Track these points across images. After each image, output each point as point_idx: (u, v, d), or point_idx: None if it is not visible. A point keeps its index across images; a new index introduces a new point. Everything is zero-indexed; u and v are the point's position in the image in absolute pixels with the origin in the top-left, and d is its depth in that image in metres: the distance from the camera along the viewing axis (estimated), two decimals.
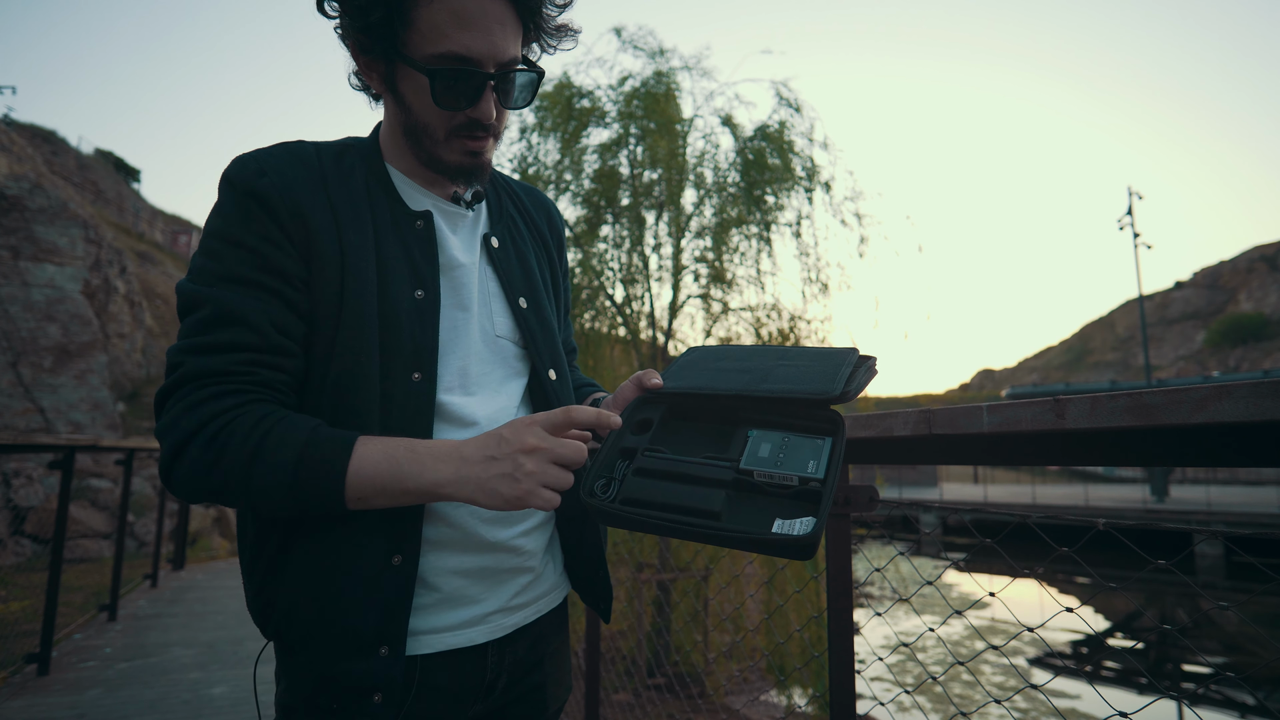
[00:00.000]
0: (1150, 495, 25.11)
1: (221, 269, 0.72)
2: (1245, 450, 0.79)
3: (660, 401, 0.84)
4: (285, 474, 0.66)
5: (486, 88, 0.76)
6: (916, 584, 1.31)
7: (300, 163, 0.77)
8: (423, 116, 0.78)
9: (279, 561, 0.74)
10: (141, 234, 21.16)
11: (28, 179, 12.19)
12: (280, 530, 0.74)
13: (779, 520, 0.68)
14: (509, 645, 0.83)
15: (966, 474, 42.66)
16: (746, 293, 6.42)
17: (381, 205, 0.81)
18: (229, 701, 3.24)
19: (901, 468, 30.96)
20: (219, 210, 0.75)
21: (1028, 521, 1.10)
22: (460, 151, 0.80)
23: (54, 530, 3.72)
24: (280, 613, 0.73)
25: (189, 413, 0.67)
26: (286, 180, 0.75)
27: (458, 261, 0.83)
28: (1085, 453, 0.95)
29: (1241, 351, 53.27)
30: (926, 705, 7.73)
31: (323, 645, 0.71)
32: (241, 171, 0.74)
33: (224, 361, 0.69)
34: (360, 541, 0.72)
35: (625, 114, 6.34)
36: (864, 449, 1.29)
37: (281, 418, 0.69)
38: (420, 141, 0.80)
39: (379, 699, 0.71)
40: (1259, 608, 12.98)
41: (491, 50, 0.74)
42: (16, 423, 10.30)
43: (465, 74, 0.74)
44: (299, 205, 0.74)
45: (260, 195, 0.73)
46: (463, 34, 0.73)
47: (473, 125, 0.78)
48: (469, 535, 0.79)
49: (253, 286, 0.72)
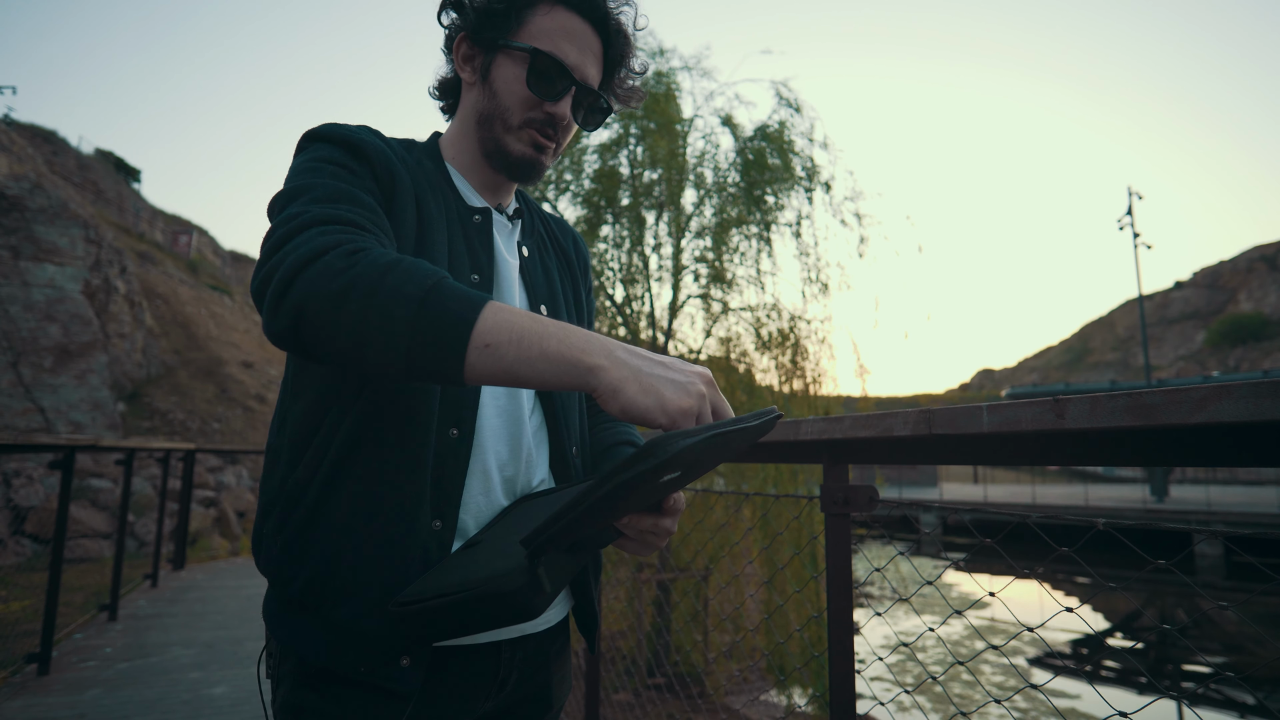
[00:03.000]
0: (1150, 495, 25.10)
1: (319, 178, 0.73)
2: (1245, 450, 0.79)
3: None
4: (422, 283, 0.59)
5: (571, 91, 0.85)
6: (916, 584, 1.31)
7: (382, 139, 0.83)
8: (506, 99, 0.85)
9: (319, 512, 0.72)
10: (142, 234, 21.14)
11: (28, 179, 12.19)
12: (323, 479, 0.73)
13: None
14: (520, 645, 0.83)
15: (966, 474, 42.66)
16: (746, 293, 6.42)
17: (447, 195, 0.86)
18: (229, 701, 3.24)
19: (901, 468, 30.96)
20: (306, 153, 0.77)
21: (1028, 521, 1.10)
22: (528, 143, 0.86)
23: (54, 530, 3.71)
24: (314, 566, 0.71)
25: (324, 236, 0.64)
26: (378, 145, 0.80)
27: (504, 259, 0.88)
28: (1085, 452, 0.96)
29: (1241, 351, 53.26)
30: (926, 705, 7.72)
31: (360, 603, 0.70)
32: (335, 129, 0.79)
33: (350, 213, 0.69)
34: (414, 502, 0.72)
35: (625, 114, 6.34)
36: (864, 449, 1.29)
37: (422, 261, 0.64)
38: (492, 127, 0.87)
39: (407, 662, 0.71)
40: (1259, 607, 12.98)
41: (583, 67, 0.85)
42: (17, 423, 10.30)
43: (560, 70, 0.84)
44: (390, 167, 0.79)
45: (354, 144, 0.78)
46: (566, 44, 0.84)
47: (547, 122, 0.85)
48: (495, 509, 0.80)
49: (356, 186, 0.74)
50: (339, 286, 0.60)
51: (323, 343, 0.62)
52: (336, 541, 0.71)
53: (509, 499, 0.82)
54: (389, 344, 0.59)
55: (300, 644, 0.73)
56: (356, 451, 0.73)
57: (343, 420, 0.74)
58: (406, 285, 0.59)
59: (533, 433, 0.85)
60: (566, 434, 0.88)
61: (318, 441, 0.74)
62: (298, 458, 0.75)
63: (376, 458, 0.73)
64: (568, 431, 0.89)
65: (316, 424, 0.75)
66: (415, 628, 0.66)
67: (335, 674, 0.72)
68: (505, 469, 0.81)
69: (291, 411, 0.78)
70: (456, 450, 0.76)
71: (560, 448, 0.87)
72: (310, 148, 0.78)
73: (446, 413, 0.77)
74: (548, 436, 0.88)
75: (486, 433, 0.80)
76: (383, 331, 0.59)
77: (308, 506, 0.73)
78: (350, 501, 0.72)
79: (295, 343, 0.64)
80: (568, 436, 0.89)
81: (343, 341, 0.61)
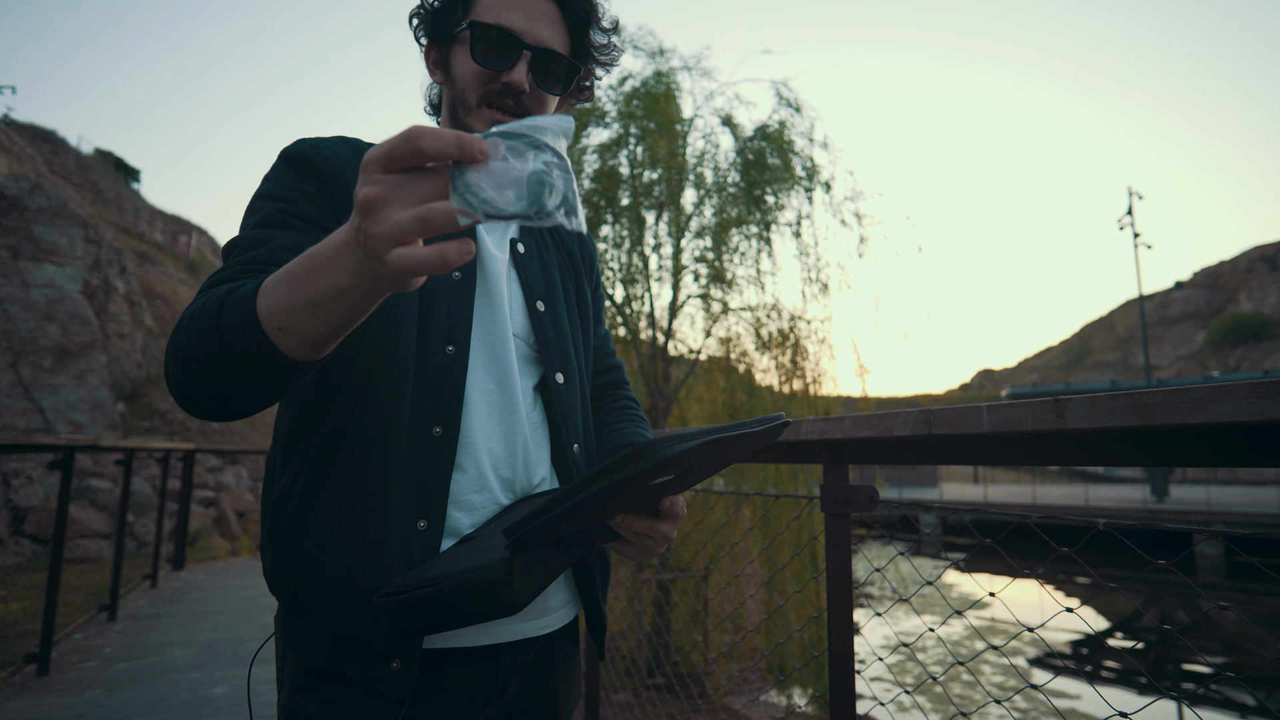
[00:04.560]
0: (1150, 495, 25.10)
1: (256, 220, 0.74)
2: (1245, 450, 0.79)
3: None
4: (212, 317, 0.59)
5: (522, 56, 0.82)
6: (916, 584, 1.31)
7: (353, 150, 0.82)
8: (461, 80, 0.85)
9: (302, 519, 0.73)
10: (141, 234, 21.11)
11: (27, 179, 12.18)
12: (304, 486, 0.73)
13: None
14: (521, 649, 0.82)
15: (966, 474, 42.66)
16: (746, 293, 6.42)
17: None
18: (229, 701, 3.24)
19: (901, 468, 30.95)
20: (267, 177, 0.78)
21: (1028, 522, 1.10)
22: (488, 122, 0.84)
23: (54, 530, 3.71)
24: (301, 571, 0.72)
25: (187, 311, 0.64)
26: (340, 160, 0.79)
27: (491, 255, 0.86)
28: (1085, 453, 0.95)
29: (1241, 351, 53.26)
30: (927, 705, 7.72)
31: (343, 606, 0.71)
32: (298, 145, 0.79)
33: (233, 269, 0.69)
34: (387, 502, 0.72)
35: (625, 114, 6.33)
36: (864, 449, 1.29)
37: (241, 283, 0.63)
38: (457, 114, 0.86)
39: (396, 665, 0.70)
40: (1259, 608, 12.97)
41: (531, 28, 0.83)
42: (16, 423, 10.29)
43: (504, 36, 0.82)
44: (345, 179, 0.78)
45: (309, 162, 0.77)
46: (509, 12, 0.82)
47: (504, 93, 0.83)
48: (494, 504, 0.80)
49: (283, 227, 0.74)
50: (174, 344, 0.62)
51: (210, 404, 0.63)
52: (318, 547, 0.72)
53: (509, 497, 0.81)
54: (236, 382, 0.60)
55: (300, 647, 0.74)
56: (332, 457, 0.74)
57: (319, 428, 0.75)
58: (201, 319, 0.60)
59: (532, 429, 0.84)
60: (567, 431, 0.87)
61: (299, 450, 0.75)
62: (284, 468, 0.77)
63: (350, 461, 0.74)
64: (568, 428, 0.88)
65: (298, 434, 0.76)
66: (398, 621, 0.66)
67: (332, 676, 0.72)
68: (500, 467, 0.80)
69: (280, 423, 0.80)
70: (440, 449, 0.76)
71: (561, 445, 0.87)
72: (272, 167, 0.79)
73: (427, 412, 0.76)
74: (548, 433, 0.87)
75: (477, 430, 0.79)
76: (202, 356, 0.59)
77: (292, 514, 0.74)
78: (328, 506, 0.73)
79: (204, 414, 0.65)
80: (568, 433, 0.87)
81: (212, 398, 0.62)
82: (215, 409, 0.63)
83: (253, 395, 0.61)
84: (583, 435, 0.91)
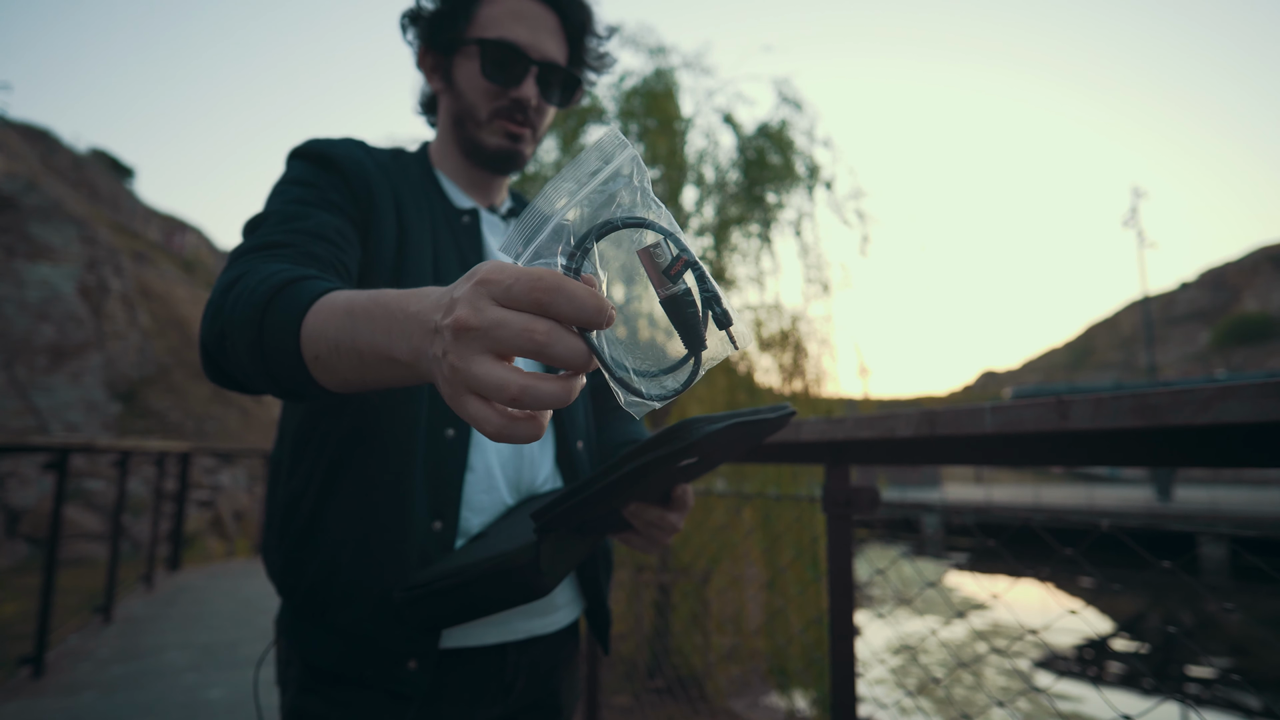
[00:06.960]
0: (1155, 497, 25.07)
1: (285, 199, 0.73)
2: (1251, 451, 0.78)
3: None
4: (259, 303, 0.55)
5: (530, 72, 0.85)
6: (919, 586, 1.31)
7: (365, 151, 0.84)
8: (470, 95, 0.86)
9: (316, 520, 0.73)
10: (137, 233, 21.15)
11: (22, 177, 12.20)
12: (318, 487, 0.73)
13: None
14: (528, 648, 0.83)
15: (969, 475, 42.67)
16: (747, 292, 6.40)
17: (434, 200, 0.87)
18: (225, 705, 3.22)
19: (904, 469, 30.94)
20: (286, 172, 0.78)
21: (1031, 523, 1.08)
22: (501, 134, 0.87)
23: (48, 532, 3.70)
24: (315, 573, 0.72)
25: (225, 274, 0.62)
26: (355, 158, 0.81)
27: (496, 254, 0.88)
28: (1089, 454, 0.94)
29: (1246, 351, 53.25)
30: (929, 708, 7.70)
31: (361, 607, 0.71)
32: (313, 144, 0.80)
33: (278, 234, 0.68)
34: (405, 504, 0.72)
35: (625, 112, 6.33)
36: (866, 450, 1.27)
37: (292, 268, 0.60)
38: (465, 125, 0.88)
39: (414, 665, 0.70)
40: (1264, 610, 12.94)
41: (537, 43, 0.85)
42: (11, 423, 10.29)
43: (513, 53, 0.84)
44: (367, 179, 0.79)
45: (330, 158, 0.78)
46: (515, 27, 0.84)
47: (514, 108, 0.85)
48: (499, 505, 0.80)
49: (320, 207, 0.73)
50: (210, 314, 0.60)
51: (231, 381, 0.62)
52: (334, 548, 0.72)
53: (514, 496, 0.82)
54: (260, 376, 0.57)
55: (309, 650, 0.73)
56: (348, 458, 0.74)
57: (334, 429, 0.75)
58: (245, 305, 0.57)
59: None
60: (571, 429, 0.89)
61: (311, 451, 0.75)
62: (295, 469, 0.76)
63: (367, 463, 0.74)
64: (572, 426, 0.89)
65: (309, 434, 0.76)
66: (423, 614, 0.67)
67: (338, 677, 0.72)
68: (507, 466, 0.82)
69: (289, 424, 0.80)
70: (454, 450, 0.77)
71: (565, 443, 0.88)
72: (287, 166, 0.80)
73: (440, 414, 0.77)
74: (553, 431, 0.88)
75: None
76: (251, 367, 0.57)
77: (305, 516, 0.73)
78: (344, 508, 0.73)
79: (229, 384, 0.63)
80: (572, 431, 0.89)
81: (233, 381, 0.62)
82: (236, 385, 0.63)
83: (271, 392, 0.61)
84: (585, 432, 0.92)
